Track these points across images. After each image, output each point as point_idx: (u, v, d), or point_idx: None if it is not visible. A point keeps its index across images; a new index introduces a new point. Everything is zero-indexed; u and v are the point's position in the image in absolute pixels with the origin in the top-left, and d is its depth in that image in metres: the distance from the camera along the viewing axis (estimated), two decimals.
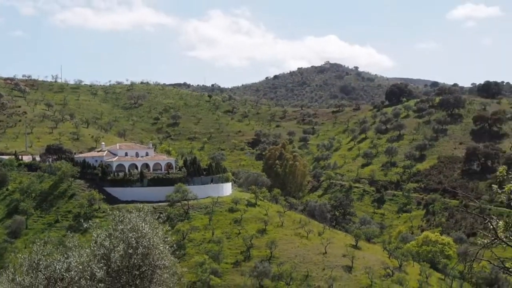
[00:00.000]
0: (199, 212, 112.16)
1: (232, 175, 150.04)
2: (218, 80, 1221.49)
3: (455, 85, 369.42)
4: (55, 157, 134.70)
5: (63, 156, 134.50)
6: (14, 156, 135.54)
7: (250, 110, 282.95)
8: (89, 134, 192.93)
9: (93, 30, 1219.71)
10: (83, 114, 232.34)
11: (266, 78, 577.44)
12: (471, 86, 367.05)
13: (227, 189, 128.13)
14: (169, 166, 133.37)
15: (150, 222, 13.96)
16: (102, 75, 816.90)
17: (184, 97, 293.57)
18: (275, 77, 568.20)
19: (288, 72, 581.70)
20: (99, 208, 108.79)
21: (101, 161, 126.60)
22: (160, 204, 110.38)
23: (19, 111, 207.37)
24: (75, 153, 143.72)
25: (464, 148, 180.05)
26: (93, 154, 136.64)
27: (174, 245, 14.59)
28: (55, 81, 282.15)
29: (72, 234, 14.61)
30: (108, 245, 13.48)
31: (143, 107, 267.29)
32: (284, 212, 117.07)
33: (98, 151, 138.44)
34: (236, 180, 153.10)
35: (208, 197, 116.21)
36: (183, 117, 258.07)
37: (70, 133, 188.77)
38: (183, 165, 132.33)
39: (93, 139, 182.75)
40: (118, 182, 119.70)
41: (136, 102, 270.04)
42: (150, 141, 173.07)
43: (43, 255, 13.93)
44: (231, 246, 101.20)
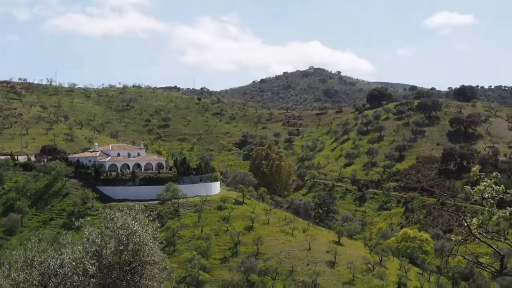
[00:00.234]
0: (189, 210, 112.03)
1: (220, 175, 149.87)
2: (207, 84, 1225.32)
3: (433, 89, 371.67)
4: (50, 157, 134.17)
5: (58, 156, 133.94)
6: (10, 156, 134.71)
7: (238, 113, 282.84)
8: (83, 135, 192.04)
9: (87, 35, 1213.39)
10: (77, 116, 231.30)
11: (253, 82, 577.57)
12: (448, 90, 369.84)
13: (216, 188, 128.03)
14: (160, 166, 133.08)
15: (140, 220, 13.89)
16: (96, 79, 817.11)
17: (174, 100, 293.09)
18: (262, 81, 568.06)
19: (274, 76, 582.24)
20: (92, 207, 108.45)
21: (94, 161, 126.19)
22: (151, 203, 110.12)
23: (15, 113, 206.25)
24: (69, 154, 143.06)
25: (441, 149, 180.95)
26: (87, 155, 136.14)
27: (164, 242, 14.49)
28: (50, 84, 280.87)
29: (66, 232, 14.54)
30: (100, 242, 13.43)
31: (135, 110, 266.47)
32: (270, 210, 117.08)
33: (92, 152, 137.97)
34: (224, 180, 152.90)
35: (197, 196, 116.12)
36: (173, 119, 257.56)
37: (64, 134, 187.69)
38: (173, 165, 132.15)
39: (87, 140, 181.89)
40: (111, 181, 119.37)
41: (128, 105, 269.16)
42: (142, 142, 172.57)
43: (38, 252, 13.83)
44: (219, 243, 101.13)
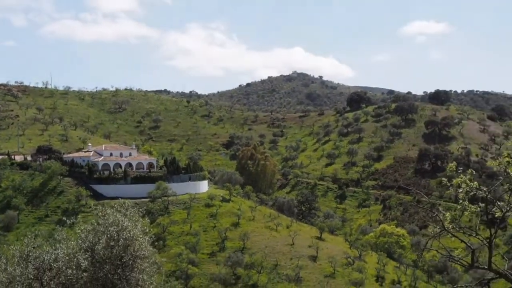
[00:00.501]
0: (178, 207, 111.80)
1: (208, 174, 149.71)
2: (196, 87, 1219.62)
3: (409, 93, 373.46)
4: (45, 157, 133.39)
5: (53, 156, 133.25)
6: (7, 156, 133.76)
7: (225, 115, 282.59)
8: (77, 136, 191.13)
9: (80, 41, 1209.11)
10: (71, 118, 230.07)
11: (239, 86, 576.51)
12: (423, 94, 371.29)
13: (204, 186, 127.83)
14: (151, 165, 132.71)
15: (131, 216, 13.85)
16: (89, 82, 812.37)
17: (165, 103, 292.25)
18: (248, 85, 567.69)
19: (259, 80, 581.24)
20: (86, 204, 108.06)
21: (88, 161, 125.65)
22: (142, 200, 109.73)
23: (12, 115, 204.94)
24: (64, 153, 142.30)
25: (417, 150, 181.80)
26: (81, 154, 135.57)
27: (153, 237, 14.45)
28: (46, 87, 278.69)
29: (61, 228, 14.45)
30: (92, 238, 13.40)
31: (127, 112, 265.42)
32: (256, 207, 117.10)
33: (85, 152, 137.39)
34: (212, 178, 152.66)
35: (186, 194, 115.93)
36: (164, 121, 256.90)
37: (59, 135, 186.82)
38: (164, 165, 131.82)
39: (81, 141, 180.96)
40: (104, 180, 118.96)
41: (120, 107, 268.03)
42: (133, 143, 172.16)
43: (33, 247, 13.76)
44: (207, 238, 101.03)
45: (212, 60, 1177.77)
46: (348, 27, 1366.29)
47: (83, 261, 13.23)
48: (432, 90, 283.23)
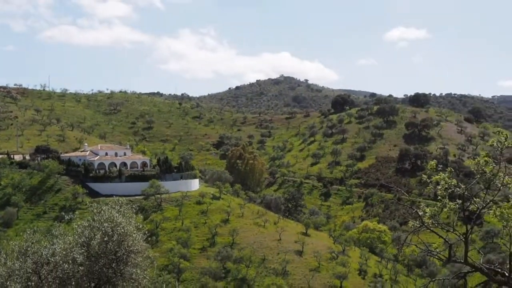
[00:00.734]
0: (171, 205, 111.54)
1: (199, 172, 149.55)
2: (187, 90, 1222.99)
3: (390, 96, 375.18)
4: (43, 156, 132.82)
5: (50, 156, 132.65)
6: (7, 155, 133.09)
7: (215, 116, 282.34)
8: (74, 136, 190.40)
9: (77, 45, 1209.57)
10: (68, 119, 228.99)
11: (229, 89, 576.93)
12: (404, 97, 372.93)
13: (195, 185, 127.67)
14: (144, 165, 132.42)
15: (125, 213, 13.82)
16: (85, 85, 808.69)
17: (158, 105, 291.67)
18: (237, 88, 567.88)
19: (248, 84, 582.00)
20: (82, 201, 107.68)
21: (84, 160, 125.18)
22: (136, 198, 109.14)
23: (11, 116, 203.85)
24: (61, 153, 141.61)
25: (398, 150, 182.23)
26: (77, 154, 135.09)
27: (146, 232, 14.41)
28: (44, 90, 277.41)
29: (58, 224, 14.39)
30: (88, 234, 13.35)
31: (122, 113, 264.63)
32: (244, 205, 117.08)
33: (82, 151, 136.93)
34: (203, 177, 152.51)
35: (178, 192, 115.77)
36: (157, 122, 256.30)
37: (57, 135, 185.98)
38: (157, 164, 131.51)
39: (77, 141, 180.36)
40: (99, 178, 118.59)
41: (115, 109, 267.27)
42: (128, 143, 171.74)
43: (32, 243, 13.68)
44: (198, 234, 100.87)
45: (203, 64, 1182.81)
46: (333, 33, 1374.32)
47: (79, 256, 13.19)
48: (412, 93, 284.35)
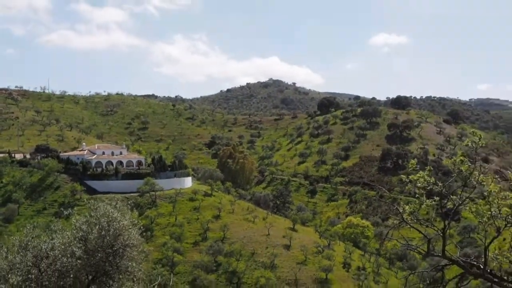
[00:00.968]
0: (165, 201, 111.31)
1: (192, 171, 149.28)
2: (181, 92, 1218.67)
3: (373, 99, 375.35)
4: (43, 155, 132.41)
5: (50, 155, 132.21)
6: (8, 154, 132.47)
7: (207, 117, 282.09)
8: (72, 136, 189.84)
9: (76, 49, 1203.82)
10: (67, 119, 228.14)
11: (221, 91, 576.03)
12: (386, 100, 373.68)
13: (188, 182, 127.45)
14: (140, 163, 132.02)
15: (120, 209, 13.82)
16: (83, 87, 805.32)
17: (152, 106, 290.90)
18: (228, 91, 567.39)
19: (239, 87, 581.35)
20: (80, 198, 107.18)
21: (82, 159, 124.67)
22: (132, 195, 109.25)
23: (12, 117, 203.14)
24: (60, 152, 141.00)
25: (380, 150, 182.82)
26: (76, 153, 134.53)
27: (142, 228, 14.41)
28: (43, 92, 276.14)
29: (57, 220, 14.34)
30: (86, 229, 13.34)
31: (118, 114, 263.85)
32: (235, 201, 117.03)
33: (80, 151, 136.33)
34: (195, 175, 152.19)
35: (172, 189, 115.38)
36: (151, 123, 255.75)
37: (56, 135, 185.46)
38: (151, 162, 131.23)
39: (76, 141, 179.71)
40: (97, 176, 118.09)
41: (112, 110, 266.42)
42: (124, 143, 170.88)
43: (32, 237, 13.64)
44: (191, 229, 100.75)
45: (196, 68, 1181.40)
46: (320, 39, 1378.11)
47: (77, 250, 13.17)
48: (394, 96, 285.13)
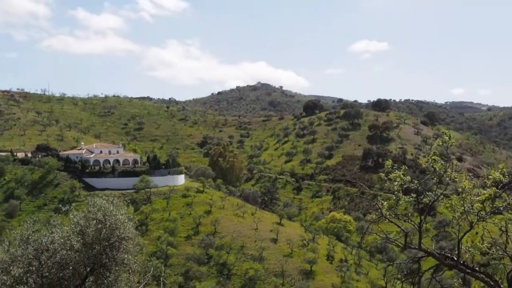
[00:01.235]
0: (159, 197, 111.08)
1: (185, 169, 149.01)
2: (174, 95, 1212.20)
3: (355, 101, 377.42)
4: (44, 154, 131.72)
5: (50, 153, 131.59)
6: (10, 153, 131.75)
7: (199, 119, 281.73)
8: (71, 136, 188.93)
9: (74, 54, 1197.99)
10: (66, 120, 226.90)
11: (212, 94, 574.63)
12: (367, 102, 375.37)
13: (181, 180, 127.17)
14: (135, 162, 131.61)
15: (116, 204, 13.81)
16: (82, 89, 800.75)
17: (147, 108, 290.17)
18: (219, 93, 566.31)
19: (229, 90, 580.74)
20: (79, 194, 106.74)
21: (81, 157, 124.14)
22: (128, 191, 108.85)
23: (14, 117, 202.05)
24: (60, 151, 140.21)
25: (362, 149, 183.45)
26: (75, 152, 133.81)
27: (137, 222, 14.41)
28: (44, 94, 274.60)
29: (57, 215, 14.33)
30: (84, 223, 13.32)
31: (115, 115, 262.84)
32: (225, 198, 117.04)
33: (79, 149, 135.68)
34: (188, 173, 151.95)
35: (166, 186, 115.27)
36: (146, 123, 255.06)
37: (56, 135, 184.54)
38: (147, 161, 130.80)
39: (75, 140, 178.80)
40: (95, 174, 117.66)
41: (109, 111, 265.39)
42: (120, 142, 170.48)
43: (33, 231, 13.59)
44: (184, 224, 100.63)
45: (188, 72, 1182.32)
46: (305, 45, 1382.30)
47: (76, 243, 13.15)
48: (375, 99, 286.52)
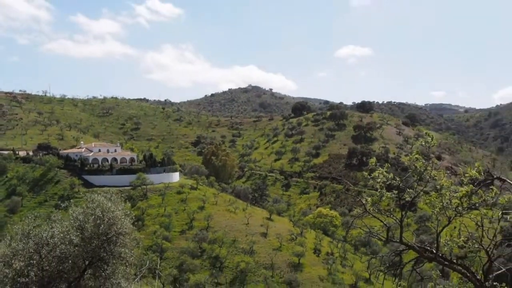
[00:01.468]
0: (155, 194, 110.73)
1: (179, 167, 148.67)
2: (170, 96, 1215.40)
3: (341, 103, 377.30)
4: (45, 153, 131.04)
5: (51, 152, 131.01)
6: (12, 151, 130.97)
7: (193, 119, 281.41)
8: (71, 136, 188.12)
9: (74, 57, 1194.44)
10: (67, 120, 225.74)
11: (205, 96, 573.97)
12: (352, 104, 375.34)
13: (176, 177, 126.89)
14: (132, 160, 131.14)
15: (114, 200, 13.76)
16: (82, 91, 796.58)
17: (144, 109, 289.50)
18: (212, 95, 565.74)
19: (221, 92, 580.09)
20: (78, 191, 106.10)
21: (80, 156, 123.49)
22: (125, 188, 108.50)
23: (16, 117, 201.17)
24: (60, 150, 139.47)
25: (347, 148, 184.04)
26: (74, 151, 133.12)
27: (134, 218, 14.37)
28: (45, 95, 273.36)
29: (57, 211, 14.24)
30: (82, 219, 13.26)
31: (113, 116, 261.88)
32: (218, 194, 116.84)
33: (78, 148, 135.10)
34: (182, 170, 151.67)
35: (161, 183, 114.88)
36: (143, 124, 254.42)
37: (56, 135, 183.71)
38: (143, 159, 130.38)
39: (74, 139, 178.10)
40: (93, 172, 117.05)
41: (108, 112, 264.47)
42: (118, 141, 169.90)
43: (33, 226, 13.51)
44: (178, 219, 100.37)
45: (183, 75, 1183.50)
46: (293, 50, 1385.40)
47: (75, 238, 13.09)
48: (359, 101, 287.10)
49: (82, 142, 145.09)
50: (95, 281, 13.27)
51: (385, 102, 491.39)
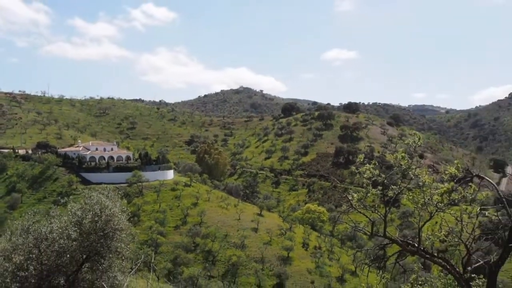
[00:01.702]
0: (150, 191, 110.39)
1: (174, 165, 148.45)
2: (164, 97, 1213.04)
3: (328, 104, 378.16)
4: (43, 151, 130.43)
5: (49, 150, 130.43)
6: (12, 150, 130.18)
7: (187, 119, 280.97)
8: (69, 135, 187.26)
9: (72, 59, 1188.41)
10: (65, 120, 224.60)
11: (199, 97, 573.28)
12: (339, 105, 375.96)
13: (170, 175, 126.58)
14: (128, 158, 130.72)
15: (111, 197, 13.74)
16: (79, 92, 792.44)
17: (139, 109, 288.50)
18: (205, 96, 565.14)
19: (214, 93, 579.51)
20: (76, 188, 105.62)
21: (78, 154, 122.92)
22: (122, 185, 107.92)
23: (16, 117, 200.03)
24: (59, 148, 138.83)
25: (334, 147, 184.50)
26: (72, 149, 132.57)
27: (130, 214, 14.35)
28: (44, 95, 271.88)
29: (56, 207, 14.17)
30: (80, 215, 13.22)
31: (109, 116, 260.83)
32: (211, 191, 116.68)
33: (76, 147, 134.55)
34: (176, 168, 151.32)
35: (157, 180, 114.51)
36: (139, 123, 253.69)
37: (55, 134, 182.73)
38: (139, 157, 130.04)
39: (72, 138, 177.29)
40: (91, 169, 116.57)
41: (104, 112, 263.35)
42: (114, 140, 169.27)
43: (33, 222, 13.43)
44: (173, 215, 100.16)
45: (177, 76, 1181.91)
46: (282, 53, 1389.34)
47: (73, 233, 13.04)
48: (346, 102, 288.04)
49: (80, 141, 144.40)
50: (93, 275, 13.24)
51: (371, 103, 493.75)
